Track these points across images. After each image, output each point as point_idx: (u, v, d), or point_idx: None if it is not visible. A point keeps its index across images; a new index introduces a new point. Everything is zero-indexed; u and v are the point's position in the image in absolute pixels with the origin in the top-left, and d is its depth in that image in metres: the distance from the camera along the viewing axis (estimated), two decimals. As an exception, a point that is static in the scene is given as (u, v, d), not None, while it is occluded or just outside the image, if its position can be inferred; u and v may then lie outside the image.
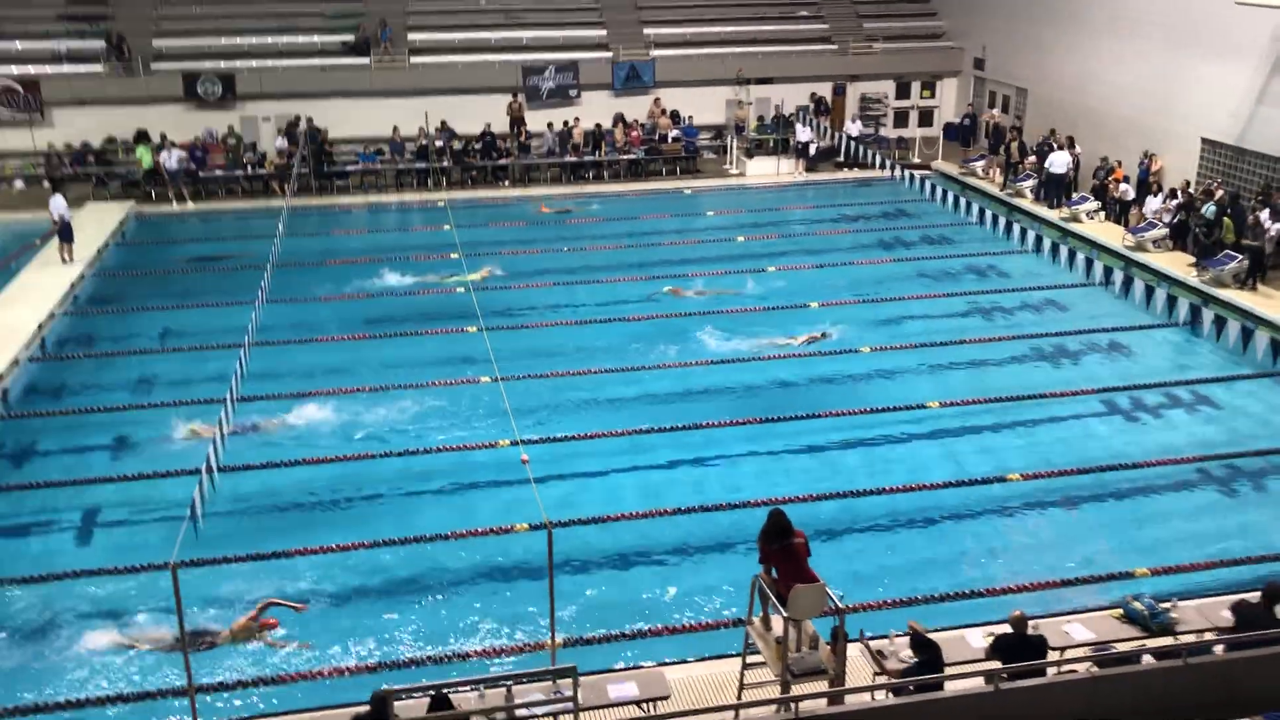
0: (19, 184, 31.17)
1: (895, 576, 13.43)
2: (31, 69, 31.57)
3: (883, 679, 10.48)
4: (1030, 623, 10.35)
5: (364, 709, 9.43)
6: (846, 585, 11.88)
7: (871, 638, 11.07)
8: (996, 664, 9.90)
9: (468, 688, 10.26)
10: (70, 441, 16.98)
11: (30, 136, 31.04)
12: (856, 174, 33.03)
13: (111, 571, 13.41)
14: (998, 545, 14.31)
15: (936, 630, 10.41)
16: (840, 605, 9.66)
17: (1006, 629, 10.34)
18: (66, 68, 32.16)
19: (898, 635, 10.84)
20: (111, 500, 15.34)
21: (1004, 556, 14.02)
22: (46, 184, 29.45)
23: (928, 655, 9.91)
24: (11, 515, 15.01)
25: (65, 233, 23.99)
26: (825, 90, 36.14)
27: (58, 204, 23.91)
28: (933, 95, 37.57)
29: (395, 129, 31.80)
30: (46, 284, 22.83)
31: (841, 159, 33.36)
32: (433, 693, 9.34)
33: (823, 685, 9.91)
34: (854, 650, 10.54)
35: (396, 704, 9.20)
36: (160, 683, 11.57)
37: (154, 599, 12.84)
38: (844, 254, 26.04)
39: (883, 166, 29.07)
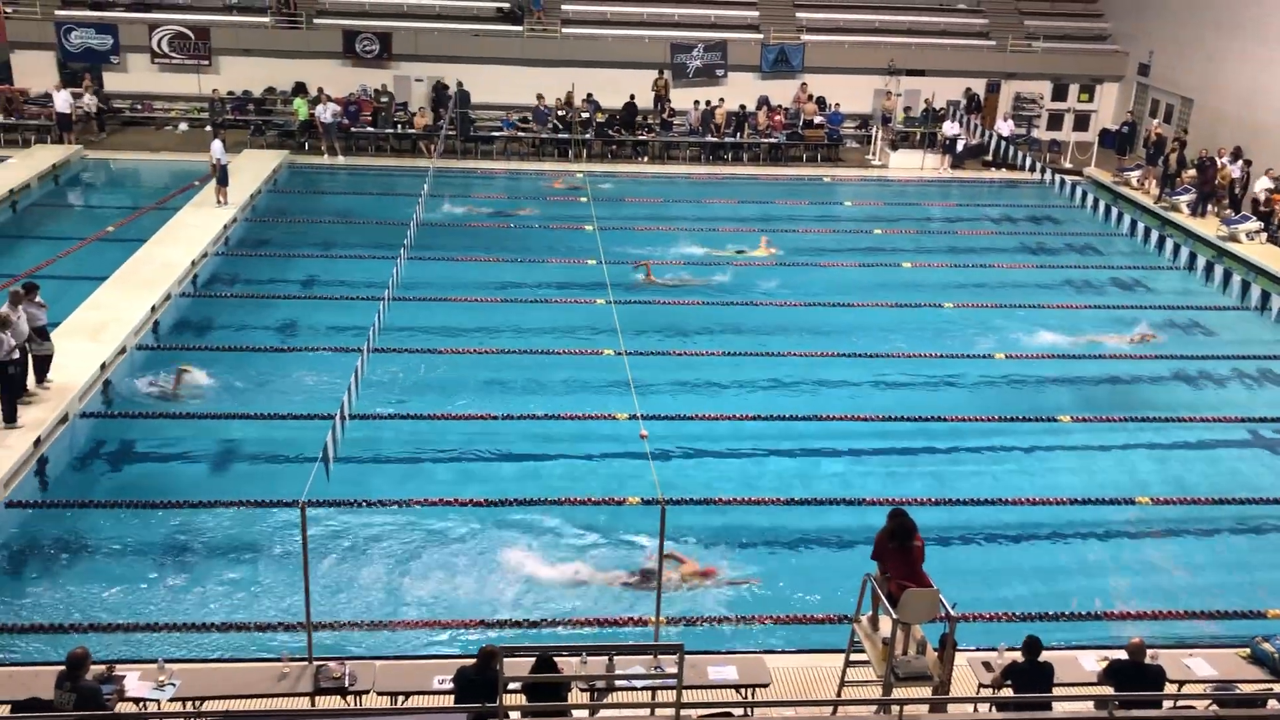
0: (183, 126, 32.59)
1: (1011, 589, 13.13)
2: (203, 17, 32.93)
3: (988, 691, 10.28)
4: (1149, 652, 10.01)
5: (470, 662, 9.68)
6: (956, 592, 11.68)
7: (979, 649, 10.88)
8: (1109, 690, 9.62)
9: (570, 653, 10.46)
10: (213, 377, 17.71)
11: (197, 82, 32.46)
12: (1004, 174, 32.15)
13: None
14: (1120, 568, 13.84)
15: (1049, 649, 10.13)
16: (952, 613, 9.49)
17: (1122, 655, 10.03)
18: (235, 17, 33.46)
19: (1007, 649, 10.63)
20: (248, 436, 16.01)
21: (1126, 580, 13.56)
22: (208, 128, 30.77)
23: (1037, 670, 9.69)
24: (159, 442, 15.83)
25: (222, 176, 24.99)
26: (979, 86, 35.21)
27: (217, 148, 24.91)
28: (1091, 99, 36.27)
29: (540, 97, 32.17)
30: (201, 224, 23.85)
31: (989, 158, 32.48)
32: (537, 654, 9.52)
33: (926, 691, 9.78)
34: (960, 660, 10.36)
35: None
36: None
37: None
38: (984, 255, 25.41)
39: (1032, 169, 28.12)
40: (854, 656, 10.46)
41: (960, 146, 32.67)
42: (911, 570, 9.62)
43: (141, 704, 9.88)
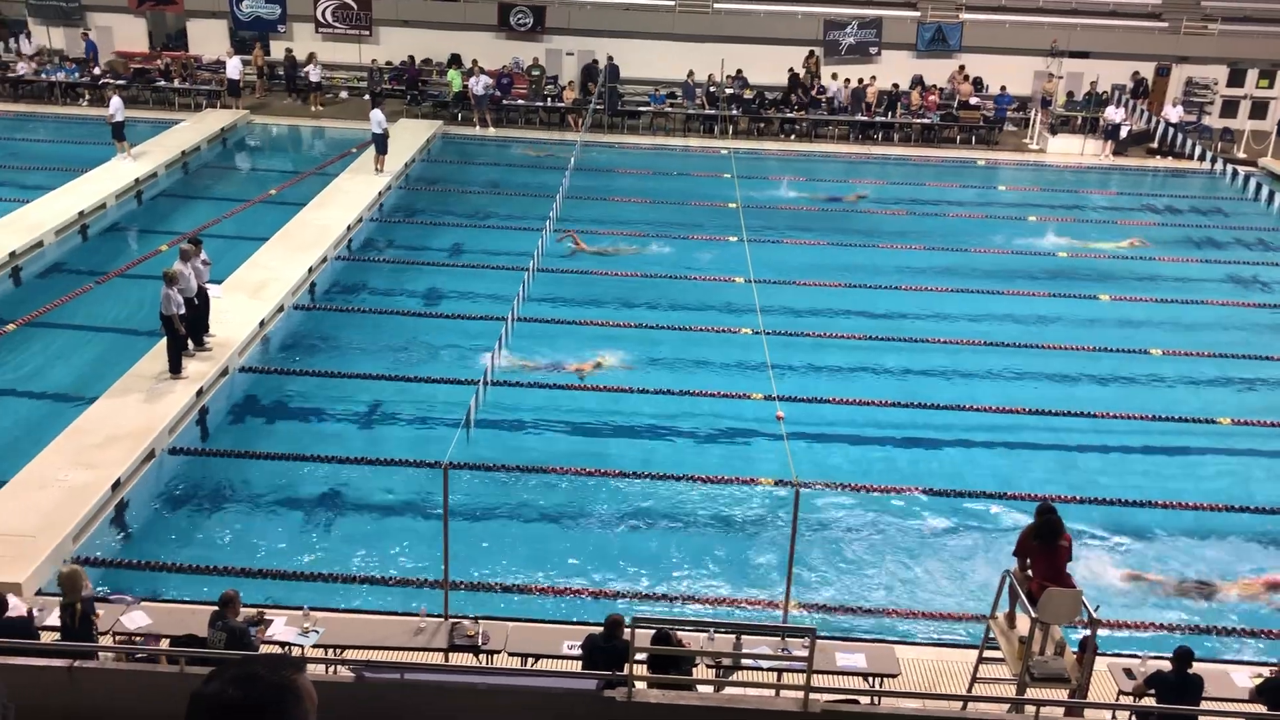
0: (343, 95, 33.65)
1: (1157, 597, 12.60)
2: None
3: (1128, 699, 9.91)
4: (1308, 672, 9.49)
5: (598, 630, 9.82)
6: (1098, 595, 11.29)
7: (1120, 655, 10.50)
8: (1262, 709, 9.17)
9: (699, 629, 10.51)
10: (364, 339, 18.34)
11: (358, 51, 33.46)
12: (1170, 163, 30.64)
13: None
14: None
15: (1199, 660, 9.71)
16: (1095, 617, 9.16)
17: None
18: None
19: (1151, 657, 10.24)
20: (395, 397, 16.50)
21: (1284, 595, 12.88)
22: (367, 97, 31.69)
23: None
24: (310, 398, 16.49)
25: (381, 144, 25.68)
26: (1147, 70, 33.58)
27: (378, 117, 25.57)
28: (1271, 85, 34.16)
29: (690, 73, 32.08)
30: (358, 190, 24.61)
31: (1155, 145, 31.00)
32: (659, 628, 9.60)
33: (1062, 694, 9.50)
34: (1100, 665, 10.01)
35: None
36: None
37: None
38: (1145, 247, 24.29)
39: (1201, 158, 26.75)
40: (988, 653, 10.22)
41: (1124, 133, 31.27)
42: (1055, 570, 9.32)
43: (286, 648, 10.35)
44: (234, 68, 31.01)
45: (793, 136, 31.88)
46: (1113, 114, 31.27)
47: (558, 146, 29.47)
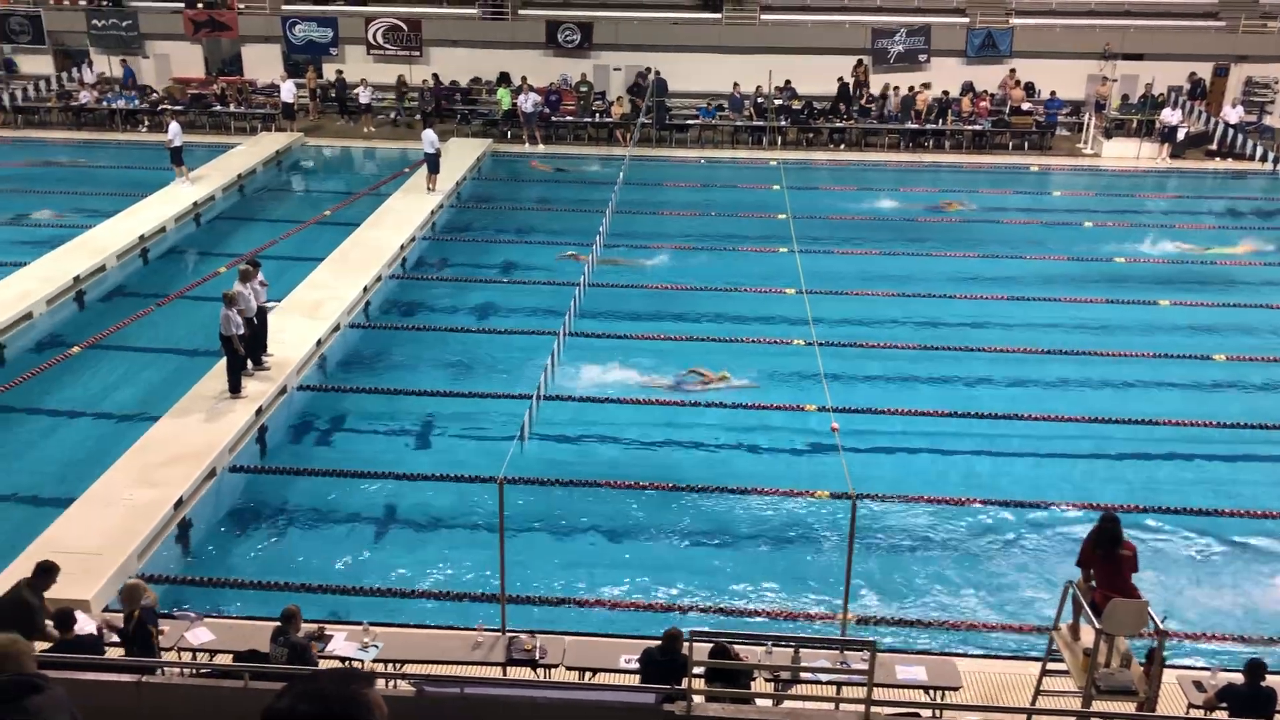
0: (394, 115, 34.05)
1: (1226, 608, 12.33)
2: (415, 9, 34.32)
3: (1198, 713, 9.69)
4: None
5: (655, 643, 9.80)
6: (1179, 611, 11.12)
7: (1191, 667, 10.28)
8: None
9: (756, 642, 10.45)
10: (418, 356, 18.51)
11: (409, 72, 33.85)
12: (1229, 165, 30.04)
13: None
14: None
15: (1273, 674, 9.47)
16: (1162, 627, 8.98)
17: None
18: (445, 9, 34.73)
19: (1220, 670, 10.02)
20: (451, 413, 16.61)
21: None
22: (418, 117, 32.05)
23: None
24: (366, 416, 16.65)
25: (433, 164, 25.93)
26: (1204, 70, 33.01)
27: (429, 137, 25.80)
28: (1334, 82, 33.43)
29: (736, 85, 32.08)
30: (411, 210, 24.87)
31: (1214, 147, 30.43)
32: (717, 641, 9.56)
33: (1129, 707, 9.29)
34: (1169, 677, 9.80)
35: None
36: None
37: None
38: (1205, 250, 23.81)
39: (1263, 159, 26.27)
40: (1051, 665, 10.04)
41: (1181, 135, 30.73)
42: (1117, 579, 9.14)
43: (347, 663, 10.44)
44: (288, 91, 31.55)
45: (842, 146, 31.73)
46: (1169, 116, 30.76)
47: (567, 160, 29.73)
